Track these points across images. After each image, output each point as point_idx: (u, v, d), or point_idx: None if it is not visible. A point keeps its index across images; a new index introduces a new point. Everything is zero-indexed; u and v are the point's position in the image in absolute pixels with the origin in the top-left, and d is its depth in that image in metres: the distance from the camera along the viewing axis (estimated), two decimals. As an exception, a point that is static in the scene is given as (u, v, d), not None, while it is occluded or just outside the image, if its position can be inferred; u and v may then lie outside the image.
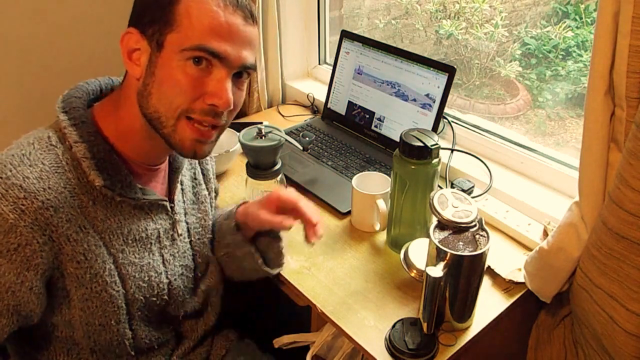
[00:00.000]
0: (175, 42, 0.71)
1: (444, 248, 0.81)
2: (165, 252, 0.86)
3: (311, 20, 1.66)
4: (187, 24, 0.71)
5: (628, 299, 0.78)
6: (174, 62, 0.72)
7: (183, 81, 0.72)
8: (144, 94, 0.74)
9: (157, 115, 0.74)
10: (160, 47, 0.72)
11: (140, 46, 0.73)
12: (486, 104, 2.02)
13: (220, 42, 0.72)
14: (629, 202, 0.74)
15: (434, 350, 0.85)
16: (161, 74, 0.72)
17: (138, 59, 0.74)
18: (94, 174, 0.73)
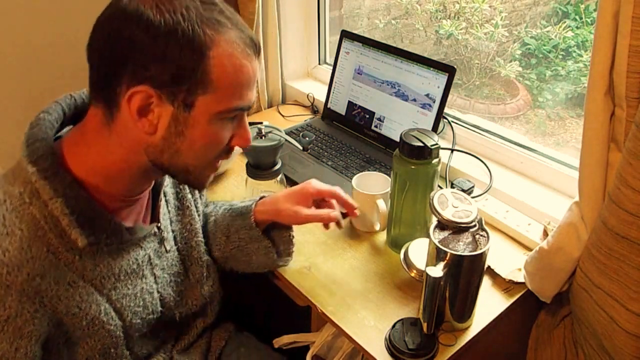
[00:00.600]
0: (209, 104, 0.67)
1: (444, 248, 0.81)
2: (157, 269, 0.85)
3: (311, 20, 1.66)
4: (222, 86, 0.66)
5: (628, 299, 0.78)
6: (209, 123, 0.68)
7: (220, 138, 0.71)
8: (166, 150, 0.69)
9: (184, 168, 0.72)
10: (189, 107, 0.66)
11: (155, 103, 0.66)
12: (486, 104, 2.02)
13: (250, 94, 0.71)
14: (629, 202, 0.74)
15: (434, 350, 0.85)
16: (194, 134, 0.68)
17: (153, 116, 0.66)
18: (75, 233, 0.67)
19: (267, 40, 1.56)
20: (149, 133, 0.67)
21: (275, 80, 1.63)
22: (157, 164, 0.71)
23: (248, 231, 0.96)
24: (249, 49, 0.68)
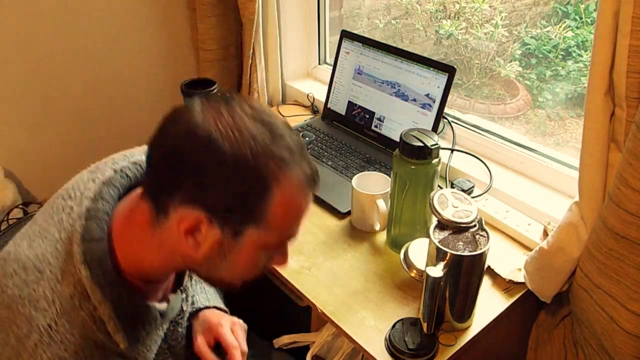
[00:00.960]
0: (259, 237, 0.64)
1: (444, 248, 0.81)
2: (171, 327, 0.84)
3: (311, 20, 1.66)
4: (276, 224, 0.64)
5: (628, 299, 0.78)
6: (253, 252, 0.66)
7: (261, 264, 0.69)
8: (206, 267, 0.68)
9: (219, 279, 0.71)
10: (237, 235, 0.64)
11: (204, 226, 0.63)
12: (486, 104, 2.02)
13: (300, 226, 0.68)
14: (629, 202, 0.73)
15: (434, 350, 0.85)
16: (236, 259, 0.66)
17: (200, 237, 0.64)
18: (119, 337, 0.66)
19: (267, 40, 1.56)
20: (192, 249, 0.65)
21: (275, 80, 1.63)
22: (194, 272, 0.73)
23: None
24: (310, 186, 0.66)
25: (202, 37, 1.52)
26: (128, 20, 1.50)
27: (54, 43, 1.39)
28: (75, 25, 1.41)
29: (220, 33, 1.52)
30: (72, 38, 1.41)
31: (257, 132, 0.61)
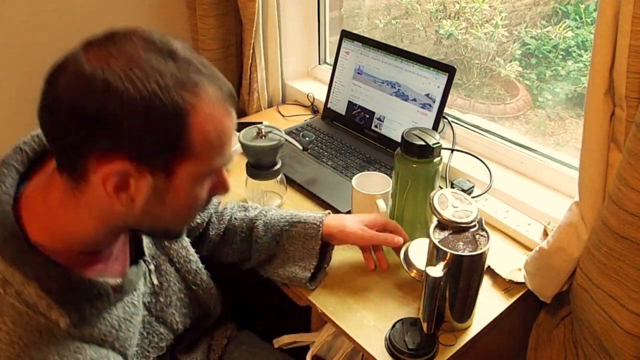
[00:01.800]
0: (190, 169, 0.62)
1: (444, 248, 0.81)
2: (147, 297, 0.82)
3: (311, 20, 1.66)
4: (202, 150, 0.61)
5: (628, 299, 0.78)
6: (190, 186, 0.64)
7: (201, 198, 0.67)
8: (147, 218, 0.65)
9: (165, 228, 0.69)
10: (169, 174, 0.61)
11: (132, 177, 0.60)
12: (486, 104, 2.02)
13: (229, 148, 0.67)
14: (629, 202, 0.73)
15: (434, 350, 0.85)
16: (174, 199, 0.64)
17: (131, 191, 0.61)
18: (55, 313, 0.62)
19: (267, 40, 1.56)
20: (126, 206, 0.62)
21: (275, 80, 1.63)
22: (135, 228, 0.69)
23: (305, 241, 0.97)
24: (228, 104, 0.64)
25: (202, 37, 1.52)
26: (128, 20, 1.50)
27: (52, 44, 1.39)
28: (74, 26, 1.41)
29: (220, 33, 1.52)
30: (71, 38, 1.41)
31: (159, 64, 0.57)
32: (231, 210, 1.05)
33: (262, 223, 1.00)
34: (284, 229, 0.99)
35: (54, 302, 0.62)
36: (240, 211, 1.05)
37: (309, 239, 0.97)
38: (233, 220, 1.03)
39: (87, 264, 0.68)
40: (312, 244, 0.97)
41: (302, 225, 0.98)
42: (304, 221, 0.98)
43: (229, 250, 1.03)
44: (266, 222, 1.00)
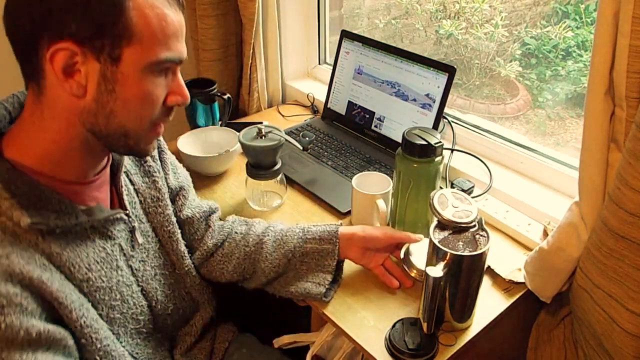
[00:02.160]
0: (137, 56, 0.66)
1: (444, 248, 0.81)
2: (134, 261, 0.83)
3: (311, 20, 1.66)
4: (146, 35, 0.65)
5: (628, 299, 0.78)
6: (139, 77, 0.67)
7: (153, 95, 0.70)
8: (100, 113, 0.68)
9: (123, 131, 0.70)
10: (116, 61, 0.65)
11: (80, 61, 0.64)
12: (486, 104, 2.02)
13: (178, 46, 0.70)
14: (629, 202, 0.73)
15: (434, 350, 0.85)
16: (125, 90, 0.67)
17: (80, 76, 0.65)
18: (17, 213, 0.65)
19: (267, 40, 1.56)
20: (78, 95, 0.66)
21: (275, 80, 1.63)
22: (95, 132, 0.70)
23: (320, 258, 0.95)
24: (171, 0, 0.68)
25: (202, 37, 1.52)
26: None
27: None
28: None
29: (220, 33, 1.52)
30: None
31: None
32: (232, 224, 1.02)
33: (271, 239, 0.97)
34: (297, 246, 0.96)
35: (17, 204, 0.65)
36: (242, 225, 1.02)
37: (324, 255, 0.95)
38: (234, 235, 1.00)
39: (65, 194, 0.71)
40: (328, 260, 0.95)
41: (316, 241, 0.96)
42: (318, 237, 0.96)
43: (226, 266, 0.98)
44: (276, 238, 0.97)
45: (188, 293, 0.95)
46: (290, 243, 0.96)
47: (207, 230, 0.99)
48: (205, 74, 1.55)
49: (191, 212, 0.97)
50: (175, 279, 0.92)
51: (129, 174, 0.87)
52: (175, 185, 0.95)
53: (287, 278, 0.97)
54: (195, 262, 0.97)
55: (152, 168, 0.90)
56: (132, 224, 0.83)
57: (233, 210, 1.17)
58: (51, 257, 0.68)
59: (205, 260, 0.99)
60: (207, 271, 0.99)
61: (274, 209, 1.19)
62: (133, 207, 0.85)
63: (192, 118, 1.44)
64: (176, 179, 0.96)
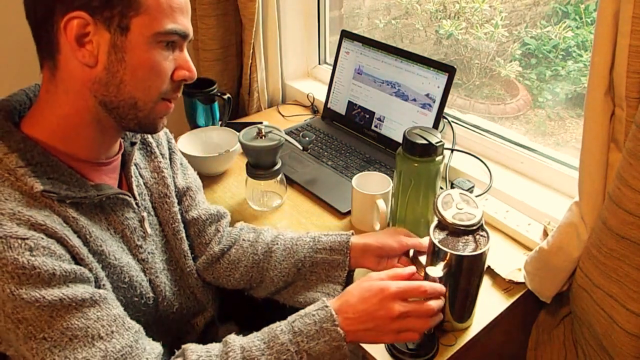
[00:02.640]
0: (144, 26, 0.70)
1: (444, 248, 0.81)
2: (141, 251, 0.84)
3: (311, 20, 1.66)
4: (153, 6, 0.70)
5: (628, 299, 0.78)
6: (147, 47, 0.71)
7: (161, 66, 0.73)
8: (112, 82, 0.71)
9: (132, 102, 0.73)
10: (125, 30, 0.69)
11: (92, 31, 0.68)
12: (486, 104, 2.02)
13: (184, 20, 0.74)
14: (629, 202, 0.73)
15: (433, 351, 0.85)
16: (134, 59, 0.71)
17: (92, 46, 0.69)
18: (31, 180, 0.68)
19: (267, 40, 1.56)
20: (90, 65, 0.70)
21: (275, 80, 1.63)
22: (107, 102, 0.73)
23: (330, 270, 0.93)
24: None
25: (202, 37, 1.52)
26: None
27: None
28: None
29: (220, 33, 1.52)
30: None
31: None
32: (240, 230, 1.01)
33: (280, 248, 0.95)
34: (307, 256, 0.94)
35: (31, 172, 0.69)
36: (250, 232, 1.00)
37: (334, 266, 0.93)
38: (241, 242, 0.98)
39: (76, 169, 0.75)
40: (339, 271, 0.93)
41: (327, 251, 0.94)
42: (329, 247, 0.94)
43: (232, 273, 0.96)
44: (285, 247, 0.95)
45: (192, 293, 0.94)
46: (300, 252, 0.94)
47: (215, 235, 0.98)
48: (205, 74, 1.55)
49: (197, 213, 0.96)
50: (180, 276, 0.92)
51: (138, 167, 0.89)
52: (183, 185, 0.96)
53: (297, 287, 0.95)
54: (200, 267, 0.96)
55: (162, 165, 0.92)
56: (141, 214, 0.85)
57: (233, 210, 1.17)
58: (68, 220, 0.71)
59: (211, 266, 0.97)
60: (212, 277, 0.98)
61: (274, 209, 1.19)
62: (142, 199, 0.87)
63: (192, 118, 1.44)
64: (185, 179, 0.97)
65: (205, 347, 0.74)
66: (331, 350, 0.71)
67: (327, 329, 0.72)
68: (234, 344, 0.72)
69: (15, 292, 0.62)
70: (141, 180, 0.88)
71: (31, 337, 0.64)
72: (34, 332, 0.64)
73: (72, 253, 0.69)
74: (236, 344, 0.72)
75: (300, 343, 0.71)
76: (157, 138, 0.94)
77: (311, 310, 0.75)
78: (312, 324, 0.73)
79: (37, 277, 0.64)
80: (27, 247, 0.64)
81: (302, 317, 0.75)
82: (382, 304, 0.73)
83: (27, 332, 0.64)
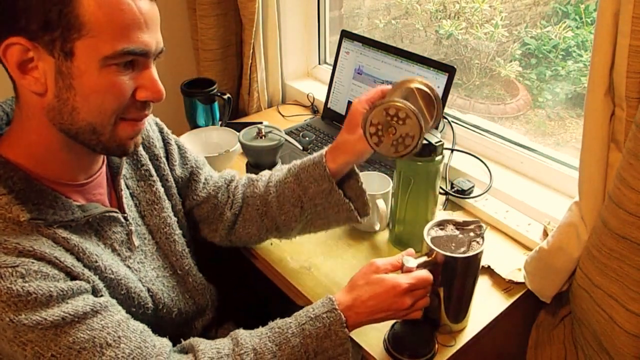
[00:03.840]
0: (90, 49, 0.63)
1: (434, 247, 0.81)
2: (131, 262, 0.82)
3: (311, 20, 1.66)
4: (98, 27, 0.63)
5: (628, 299, 0.78)
6: (96, 71, 0.65)
7: (114, 88, 0.67)
8: (64, 110, 0.67)
9: (90, 128, 0.68)
10: (69, 55, 0.63)
11: (35, 56, 0.63)
12: (486, 104, 2.02)
13: (140, 37, 0.66)
14: (629, 202, 0.73)
15: (432, 352, 0.84)
16: (84, 85, 0.65)
17: (38, 72, 0.64)
18: (16, 209, 0.66)
19: (267, 40, 1.56)
20: (39, 93, 0.66)
21: (275, 80, 1.63)
22: (65, 130, 0.69)
23: (326, 197, 0.90)
24: None
25: (202, 37, 1.52)
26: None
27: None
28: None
29: (220, 33, 1.52)
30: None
31: None
32: (243, 187, 1.00)
33: (274, 196, 0.94)
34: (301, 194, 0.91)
35: (15, 200, 0.66)
36: (249, 187, 0.99)
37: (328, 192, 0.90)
38: (246, 199, 0.98)
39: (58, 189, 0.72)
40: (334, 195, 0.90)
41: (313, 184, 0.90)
42: (313, 180, 0.90)
43: (250, 230, 0.97)
44: (278, 193, 0.94)
45: (191, 297, 0.94)
46: (293, 195, 0.92)
47: (227, 202, 0.99)
48: (205, 74, 1.55)
49: (206, 191, 0.97)
50: (177, 281, 0.92)
51: (124, 178, 0.86)
52: (184, 174, 0.95)
53: (314, 218, 0.94)
54: (222, 235, 0.98)
55: (149, 172, 0.89)
56: (129, 227, 0.83)
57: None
58: (58, 240, 0.69)
59: (231, 230, 0.99)
60: (237, 239, 1.00)
61: (273, 209, 1.19)
62: (130, 210, 0.85)
63: (192, 118, 1.44)
64: (184, 166, 0.96)
65: (215, 347, 0.75)
66: (335, 347, 0.76)
67: (335, 331, 0.76)
68: (245, 345, 0.75)
69: (15, 319, 0.62)
70: (128, 191, 0.86)
71: (39, 357, 0.64)
72: (41, 351, 0.64)
73: (66, 271, 0.68)
74: (248, 345, 0.75)
75: (309, 345, 0.75)
76: (147, 138, 0.90)
77: (320, 313, 0.77)
78: (321, 327, 0.76)
79: (35, 302, 0.63)
80: (18, 274, 0.63)
81: (312, 320, 0.77)
82: (394, 299, 0.77)
83: (34, 352, 0.64)
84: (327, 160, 0.89)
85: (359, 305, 0.77)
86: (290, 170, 0.94)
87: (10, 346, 0.64)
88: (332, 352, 0.76)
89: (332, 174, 0.89)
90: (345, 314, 0.76)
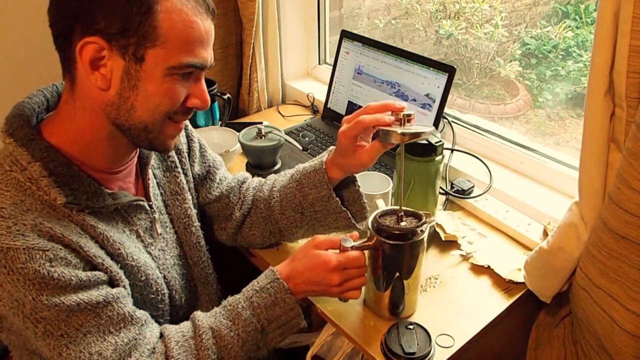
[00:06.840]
0: (160, 58, 0.70)
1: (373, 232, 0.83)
2: (152, 249, 0.87)
3: (311, 20, 1.66)
4: (171, 40, 0.69)
5: (628, 299, 0.78)
6: (160, 77, 0.71)
7: (172, 94, 0.73)
8: (123, 106, 0.72)
9: (142, 125, 0.74)
10: (140, 60, 0.69)
11: (107, 56, 0.69)
12: (486, 104, 2.02)
13: (202, 52, 0.73)
14: (629, 202, 0.73)
15: (430, 354, 0.84)
16: (147, 88, 0.71)
17: (106, 70, 0.70)
18: (54, 192, 0.71)
19: (267, 40, 1.56)
20: (103, 88, 0.70)
21: (275, 80, 1.63)
22: (118, 125, 0.74)
23: (325, 204, 0.93)
24: (201, 7, 0.72)
25: (202, 37, 1.52)
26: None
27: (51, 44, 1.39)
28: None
29: (220, 33, 1.52)
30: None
31: None
32: (253, 190, 1.03)
33: (277, 200, 0.97)
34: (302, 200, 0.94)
35: (54, 183, 0.71)
36: (257, 191, 1.03)
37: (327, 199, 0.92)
38: (255, 202, 1.02)
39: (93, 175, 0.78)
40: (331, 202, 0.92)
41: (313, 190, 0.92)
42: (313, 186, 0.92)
43: (254, 232, 1.01)
44: (281, 198, 0.97)
45: (194, 286, 0.97)
46: (294, 200, 0.95)
47: (237, 202, 1.02)
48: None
49: (219, 191, 1.01)
50: (187, 270, 0.95)
51: (152, 167, 0.91)
52: (202, 171, 1.00)
53: (314, 225, 0.97)
54: (230, 234, 1.02)
55: (175, 164, 0.94)
56: (153, 215, 0.87)
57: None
58: (86, 228, 0.74)
59: (238, 230, 1.02)
60: (242, 239, 1.03)
61: (273, 209, 1.18)
62: (155, 199, 0.90)
63: (192, 118, 1.43)
64: (203, 164, 1.01)
65: (180, 331, 0.81)
66: (286, 312, 0.83)
67: (281, 298, 0.83)
68: (203, 325, 0.81)
69: (37, 298, 0.68)
70: (155, 181, 0.91)
71: (49, 335, 0.70)
72: (51, 330, 0.70)
73: (88, 260, 0.73)
74: (205, 325, 0.81)
75: (260, 314, 0.82)
76: None
77: (265, 284, 0.84)
78: (267, 296, 0.83)
79: (56, 286, 0.69)
80: (47, 258, 0.68)
81: (258, 292, 0.84)
82: (325, 274, 0.84)
83: (45, 330, 0.70)
84: (327, 167, 0.93)
85: (295, 277, 0.85)
86: (293, 176, 0.97)
87: (24, 322, 0.70)
88: (285, 318, 0.83)
89: (331, 180, 0.93)
90: (286, 283, 0.84)
